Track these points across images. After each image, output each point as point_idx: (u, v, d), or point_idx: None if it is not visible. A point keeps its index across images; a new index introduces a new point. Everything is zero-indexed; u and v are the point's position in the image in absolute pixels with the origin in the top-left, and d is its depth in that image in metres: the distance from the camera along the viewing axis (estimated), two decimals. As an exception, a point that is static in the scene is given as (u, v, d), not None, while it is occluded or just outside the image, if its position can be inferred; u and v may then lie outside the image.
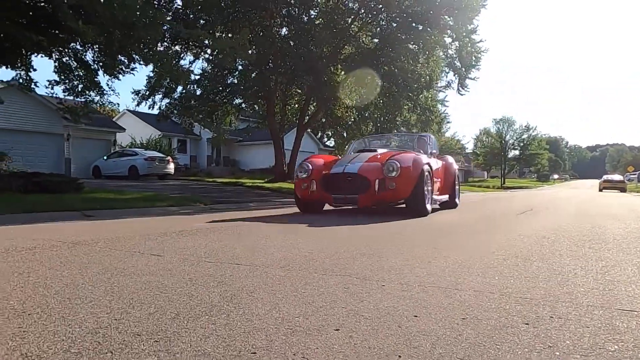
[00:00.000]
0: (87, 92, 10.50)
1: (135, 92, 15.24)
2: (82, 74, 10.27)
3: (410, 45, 15.65)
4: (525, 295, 1.91)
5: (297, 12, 15.83)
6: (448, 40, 16.93)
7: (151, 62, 10.66)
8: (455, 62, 17.85)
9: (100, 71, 10.26)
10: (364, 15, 16.25)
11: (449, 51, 17.78)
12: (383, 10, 15.41)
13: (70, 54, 10.06)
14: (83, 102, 10.82)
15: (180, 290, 1.91)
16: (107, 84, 10.65)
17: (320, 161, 6.91)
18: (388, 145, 8.51)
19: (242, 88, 16.23)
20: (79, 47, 9.98)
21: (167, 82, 13.92)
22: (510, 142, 52.46)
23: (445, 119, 38.80)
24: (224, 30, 14.61)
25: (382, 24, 16.31)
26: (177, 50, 14.88)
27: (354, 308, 1.68)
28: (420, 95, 18.06)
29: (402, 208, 6.77)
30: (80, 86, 10.34)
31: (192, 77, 15.13)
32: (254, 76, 15.68)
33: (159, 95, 15.75)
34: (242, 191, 13.75)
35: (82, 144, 20.93)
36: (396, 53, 15.17)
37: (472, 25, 16.30)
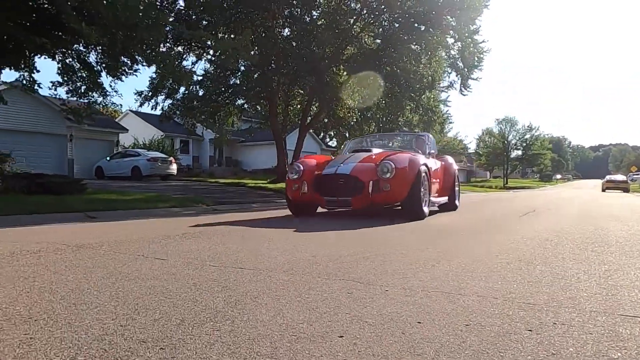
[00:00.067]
0: (90, 93, 10.54)
1: (138, 93, 15.27)
2: (85, 75, 10.30)
3: (412, 46, 15.64)
4: (528, 301, 1.91)
5: (299, 12, 15.84)
6: (450, 40, 16.91)
7: (154, 63, 10.69)
8: (457, 62, 17.82)
9: (103, 72, 10.30)
10: (366, 15, 16.25)
11: (452, 51, 17.76)
12: (385, 10, 15.41)
13: (74, 56, 10.10)
14: (86, 103, 10.87)
15: (185, 295, 1.92)
16: (110, 85, 10.69)
17: (313, 161, 6.63)
18: (385, 145, 8.23)
19: (245, 89, 16.24)
20: (82, 49, 10.01)
21: (170, 83, 13.95)
22: (513, 142, 52.38)
23: (448, 119, 38.79)
24: (226, 31, 14.63)
25: (384, 24, 16.30)
26: (179, 51, 14.91)
27: (357, 314, 1.69)
28: (422, 96, 18.05)
29: (398, 210, 6.64)
30: (83, 87, 10.38)
31: (194, 78, 15.15)
32: (257, 77, 15.70)
33: (162, 96, 15.78)
34: (244, 192, 13.77)
35: (85, 144, 20.99)
36: (398, 53, 15.16)
37: (474, 26, 16.27)
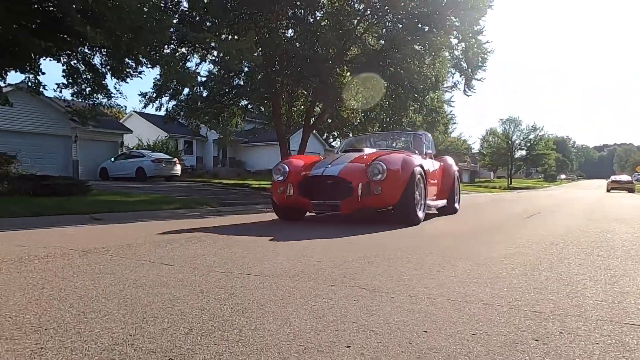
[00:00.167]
0: (95, 95, 10.59)
1: (143, 94, 15.30)
2: (90, 77, 10.35)
3: (416, 47, 15.61)
4: (534, 308, 1.91)
5: (302, 13, 15.83)
6: (454, 41, 16.88)
7: (158, 64, 10.73)
8: (461, 63, 17.78)
9: (107, 74, 10.34)
10: (370, 16, 16.22)
11: (455, 52, 17.73)
12: (389, 11, 15.39)
13: (79, 58, 10.15)
14: (91, 105, 10.92)
15: (192, 303, 1.94)
16: (115, 87, 10.76)
17: (300, 162, 6.23)
18: (380, 145, 7.85)
19: (249, 90, 16.25)
20: (87, 51, 10.06)
21: (174, 84, 13.98)
22: (517, 142, 52.24)
23: (452, 119, 38.72)
24: (229, 32, 14.66)
25: (388, 25, 16.28)
26: (183, 52, 14.96)
27: (364, 323, 1.70)
28: (426, 97, 18.02)
29: (393, 215, 6.10)
30: (88, 89, 10.43)
31: (198, 79, 15.18)
32: (260, 78, 15.71)
33: (166, 97, 15.81)
34: (248, 193, 13.81)
35: (90, 145, 21.09)
36: (402, 54, 15.13)
37: (478, 26, 16.24)
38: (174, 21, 12.79)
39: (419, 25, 14.85)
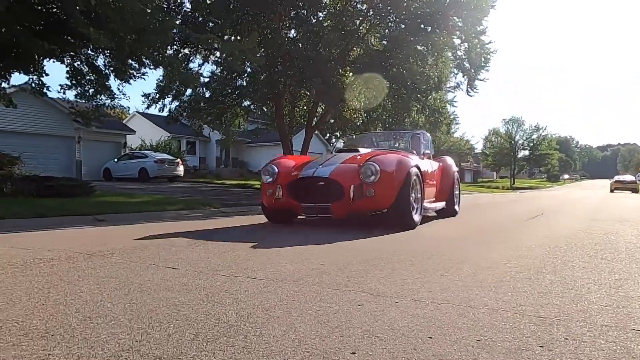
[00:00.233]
0: (98, 96, 10.63)
1: (146, 95, 15.34)
2: (93, 79, 10.38)
3: (418, 47, 15.60)
4: (539, 314, 1.91)
5: (305, 14, 15.84)
6: (457, 41, 16.84)
7: (161, 65, 10.76)
8: (464, 63, 17.75)
9: (111, 76, 10.37)
10: (372, 17, 16.21)
11: (458, 52, 17.69)
12: (391, 11, 15.37)
13: (82, 59, 10.18)
14: (94, 106, 10.95)
15: (197, 307, 1.94)
16: (118, 88, 10.77)
17: (290, 163, 5.93)
18: (376, 145, 7.53)
19: (251, 90, 16.26)
20: (90, 52, 10.09)
21: (177, 85, 14.01)
22: (520, 142, 52.12)
23: (455, 120, 38.66)
24: (232, 33, 14.68)
25: (390, 25, 16.27)
26: (186, 53, 14.99)
27: (369, 328, 1.70)
28: (429, 97, 17.99)
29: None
30: (91, 90, 10.46)
31: (201, 80, 15.21)
32: (263, 79, 15.73)
33: (169, 98, 15.85)
34: (251, 193, 13.81)
35: (93, 146, 21.14)
36: (405, 54, 15.12)
37: (481, 27, 16.20)
38: (177, 22, 12.81)
39: (422, 26, 14.83)
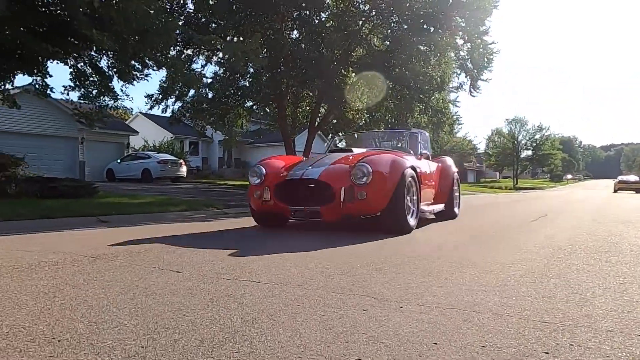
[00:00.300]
0: (102, 97, 10.67)
1: (149, 96, 15.39)
2: (96, 80, 10.42)
3: (421, 47, 15.58)
4: (543, 319, 1.91)
5: (308, 15, 15.85)
6: (460, 41, 16.82)
7: (164, 67, 10.79)
8: (467, 63, 17.73)
9: (114, 77, 10.40)
10: (375, 17, 16.21)
11: (461, 53, 17.68)
12: (394, 12, 15.36)
13: (86, 61, 10.21)
14: (97, 107, 10.99)
15: (202, 312, 1.95)
16: (121, 89, 10.82)
17: (280, 163, 5.67)
18: (372, 144, 7.27)
19: (254, 91, 16.30)
20: (93, 54, 10.12)
21: (180, 86, 14.04)
22: (523, 142, 52.02)
23: (457, 120, 38.60)
24: (235, 34, 14.71)
25: (393, 25, 16.26)
26: (189, 54, 15.02)
27: (373, 334, 1.70)
28: (431, 97, 17.99)
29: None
30: (94, 92, 10.50)
31: (204, 81, 15.24)
32: (266, 79, 15.76)
33: (172, 99, 15.89)
34: (254, 194, 13.81)
35: (96, 147, 21.23)
36: (407, 55, 15.12)
37: (483, 27, 16.17)
38: (180, 23, 12.84)
39: (424, 26, 14.83)
